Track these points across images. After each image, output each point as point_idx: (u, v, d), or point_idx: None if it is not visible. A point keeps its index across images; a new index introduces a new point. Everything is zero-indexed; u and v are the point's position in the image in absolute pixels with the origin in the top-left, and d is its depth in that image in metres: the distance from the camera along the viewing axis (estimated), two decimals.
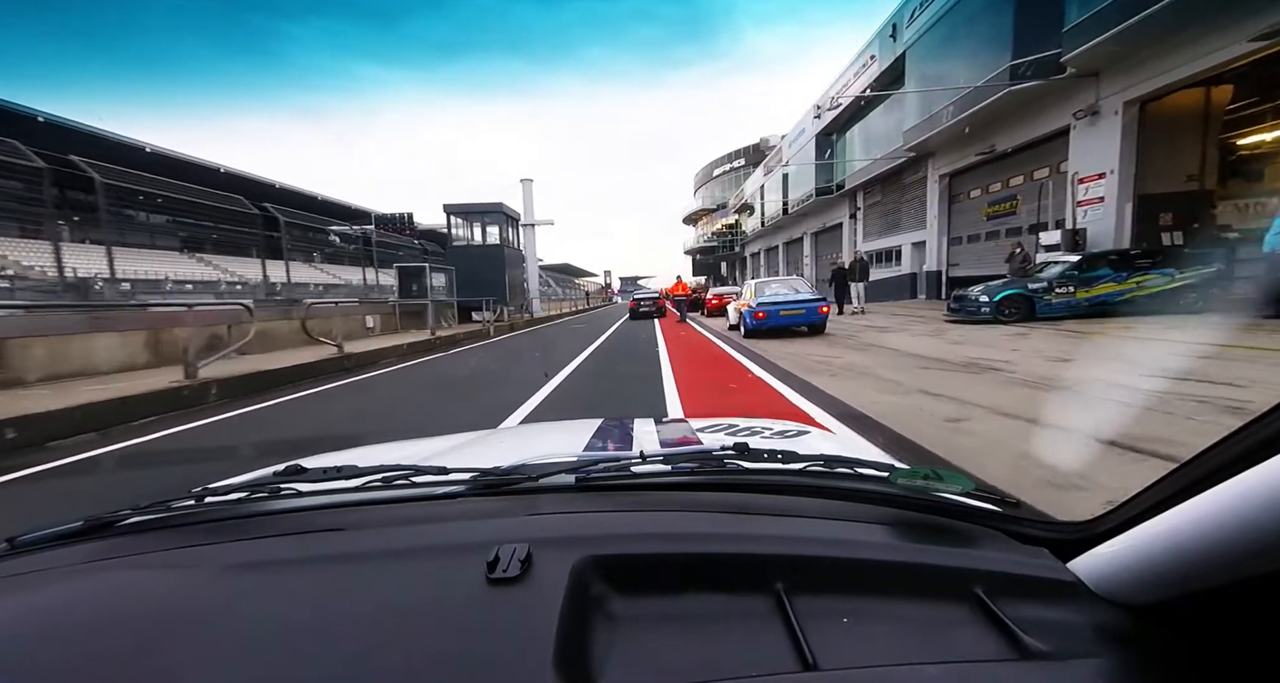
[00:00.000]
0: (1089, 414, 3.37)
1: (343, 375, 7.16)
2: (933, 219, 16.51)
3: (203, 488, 0.73)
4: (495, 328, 15.17)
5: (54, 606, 0.52)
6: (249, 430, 4.27)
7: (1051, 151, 11.94)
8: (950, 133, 13.90)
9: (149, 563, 0.59)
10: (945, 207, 16.20)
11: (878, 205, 20.75)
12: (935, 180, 16.24)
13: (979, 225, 14.88)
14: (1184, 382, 3.84)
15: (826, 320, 10.12)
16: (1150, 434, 2.74)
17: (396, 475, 0.73)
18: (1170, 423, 2.93)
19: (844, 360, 6.42)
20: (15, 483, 3.10)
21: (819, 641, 0.45)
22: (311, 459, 1.01)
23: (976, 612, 0.49)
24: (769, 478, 0.71)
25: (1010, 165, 13.45)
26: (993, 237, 14.31)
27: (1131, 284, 8.53)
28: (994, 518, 0.63)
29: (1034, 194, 12.59)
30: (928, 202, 16.75)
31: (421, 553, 0.56)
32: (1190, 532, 0.41)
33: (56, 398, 4.58)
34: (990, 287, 9.67)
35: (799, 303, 10.00)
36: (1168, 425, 2.89)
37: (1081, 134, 10.62)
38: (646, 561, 0.54)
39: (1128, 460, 2.44)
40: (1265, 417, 0.40)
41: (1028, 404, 3.61)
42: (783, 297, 10.36)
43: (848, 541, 0.57)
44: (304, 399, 5.61)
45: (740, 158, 47.45)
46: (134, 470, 3.48)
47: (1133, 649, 0.45)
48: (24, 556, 0.63)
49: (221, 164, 21.66)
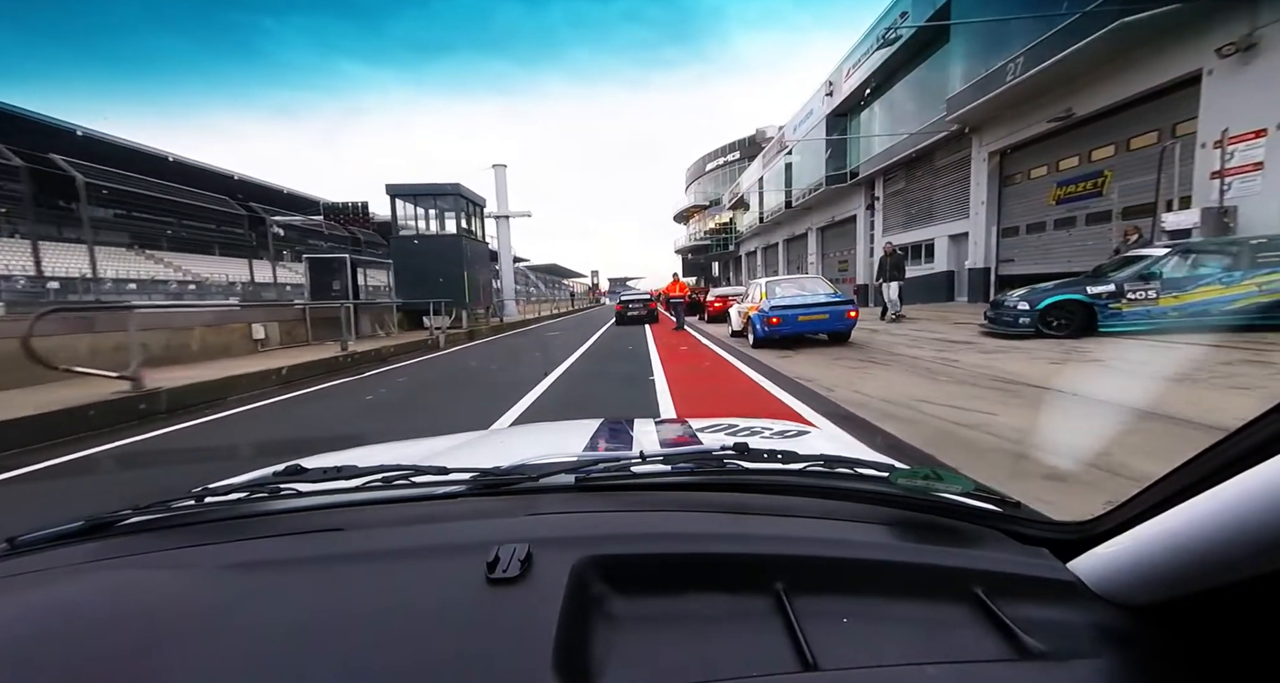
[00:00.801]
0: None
1: (118, 432, 4.13)
2: (978, 206, 13.76)
3: (203, 488, 0.73)
4: (450, 337, 12.14)
5: (54, 606, 0.52)
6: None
7: (1164, 110, 9.19)
8: (1011, 96, 11.15)
9: (149, 563, 0.59)
10: (995, 190, 13.45)
11: (902, 194, 18.00)
12: (982, 159, 13.49)
13: (1044, 211, 12.13)
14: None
15: (853, 327, 8.32)
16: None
17: (396, 475, 0.73)
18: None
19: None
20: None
21: (819, 641, 0.44)
22: (311, 459, 1.01)
23: (976, 612, 0.49)
24: (769, 478, 0.71)
25: (1093, 134, 10.70)
26: (1065, 224, 11.56)
27: (1249, 287, 5.85)
28: (994, 518, 0.62)
29: (1134, 167, 9.82)
30: (971, 185, 14.00)
31: (421, 553, 0.56)
32: (1190, 532, 0.41)
33: None
34: (1036, 290, 7.17)
35: (821, 306, 8.26)
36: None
37: (1224, 79, 7.86)
38: (646, 560, 0.54)
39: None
40: (1265, 417, 0.40)
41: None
42: (801, 298, 8.54)
43: (848, 541, 0.57)
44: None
45: (735, 151, 44.67)
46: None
47: (1133, 649, 0.45)
48: (24, 556, 0.62)
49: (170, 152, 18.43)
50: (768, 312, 8.22)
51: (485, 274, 16.49)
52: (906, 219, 17.67)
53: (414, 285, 13.83)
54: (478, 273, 15.35)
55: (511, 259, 24.70)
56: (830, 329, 8.25)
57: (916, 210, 17.10)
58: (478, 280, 15.31)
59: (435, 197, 14.38)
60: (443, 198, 14.47)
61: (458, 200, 14.48)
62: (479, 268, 15.51)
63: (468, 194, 15.02)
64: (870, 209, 19.82)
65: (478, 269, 15.37)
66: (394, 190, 14.05)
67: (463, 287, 14.18)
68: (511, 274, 24.63)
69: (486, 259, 16.94)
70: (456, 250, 14.21)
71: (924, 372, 5.27)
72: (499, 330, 16.50)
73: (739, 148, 44.10)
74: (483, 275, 15.89)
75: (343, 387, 6.49)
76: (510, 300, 24.35)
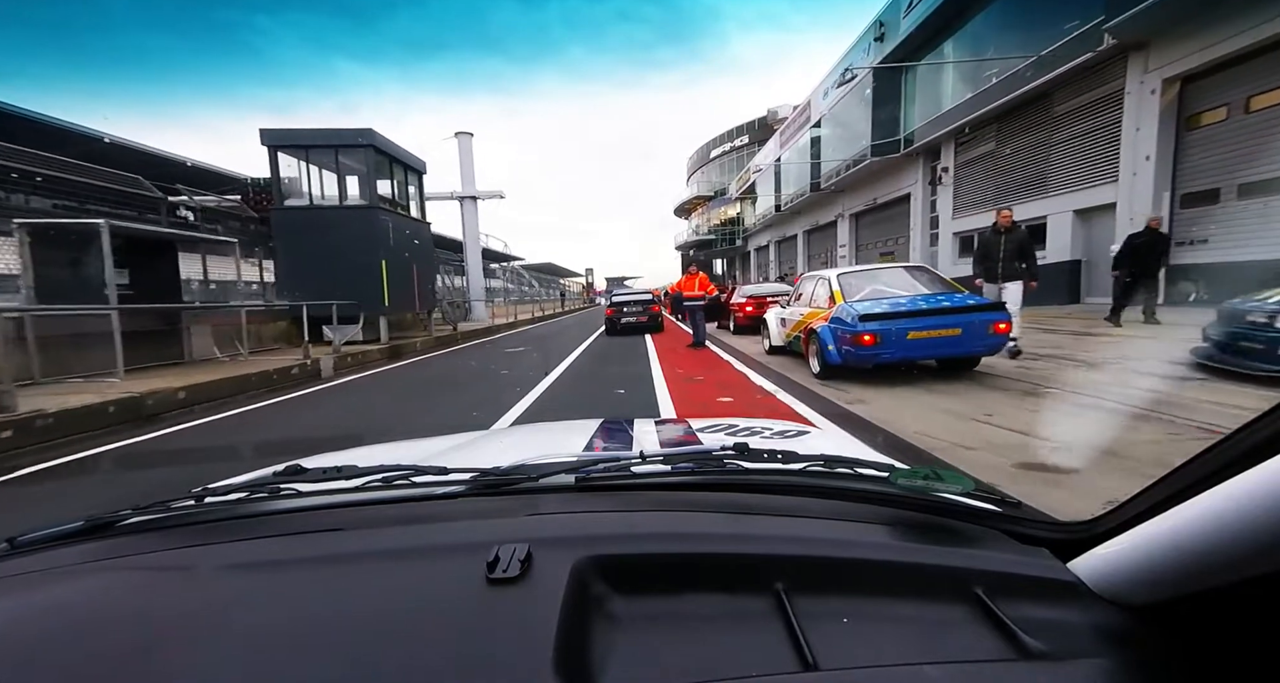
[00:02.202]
0: None
1: None
2: (1138, 163, 9.30)
3: (203, 488, 0.72)
4: (358, 357, 7.70)
5: (54, 606, 0.52)
6: None
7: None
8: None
9: (149, 563, 0.58)
10: (1170, 136, 8.99)
11: (987, 160, 13.53)
12: (1150, 90, 9.03)
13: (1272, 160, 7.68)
14: None
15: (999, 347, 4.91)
16: None
17: (396, 475, 0.73)
18: None
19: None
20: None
21: (819, 641, 0.44)
22: (311, 459, 1.01)
23: (976, 612, 0.48)
24: (769, 478, 0.71)
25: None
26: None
27: None
28: (994, 518, 0.62)
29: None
30: (1125, 133, 9.53)
31: (421, 553, 0.56)
32: (1190, 532, 0.41)
33: None
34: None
35: (951, 314, 4.83)
36: None
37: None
38: (646, 561, 0.53)
39: None
40: (1265, 417, 0.39)
41: None
42: (909, 302, 5.14)
43: (848, 540, 0.57)
44: None
45: (744, 135, 40.16)
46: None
47: (1133, 649, 0.44)
48: (24, 556, 0.62)
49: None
50: (852, 323, 4.98)
51: (426, 266, 11.95)
52: (998, 192, 13.19)
53: (306, 280, 9.30)
54: (409, 263, 10.81)
55: (480, 250, 20.16)
56: (966, 352, 4.97)
57: (1015, 180, 12.61)
58: (407, 273, 10.77)
59: (337, 150, 9.79)
60: (349, 152, 9.89)
61: (371, 157, 9.88)
62: (414, 257, 10.99)
63: (389, 148, 10.42)
64: (935, 183, 15.35)
65: (410, 258, 10.84)
66: (274, 138, 9.48)
67: (379, 283, 9.65)
68: (480, 268, 20.09)
69: (429, 246, 12.39)
70: (369, 229, 9.65)
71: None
72: (447, 343, 11.92)
73: (748, 131, 39.65)
74: (420, 267, 11.37)
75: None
76: (479, 302, 19.81)
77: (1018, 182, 12.49)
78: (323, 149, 9.70)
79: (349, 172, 10.15)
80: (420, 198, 12.04)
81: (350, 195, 10.11)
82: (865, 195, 19.58)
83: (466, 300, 20.15)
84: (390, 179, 10.72)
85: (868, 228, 20.71)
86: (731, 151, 41.59)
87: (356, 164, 9.97)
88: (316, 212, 9.67)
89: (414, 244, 11.15)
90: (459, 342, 12.60)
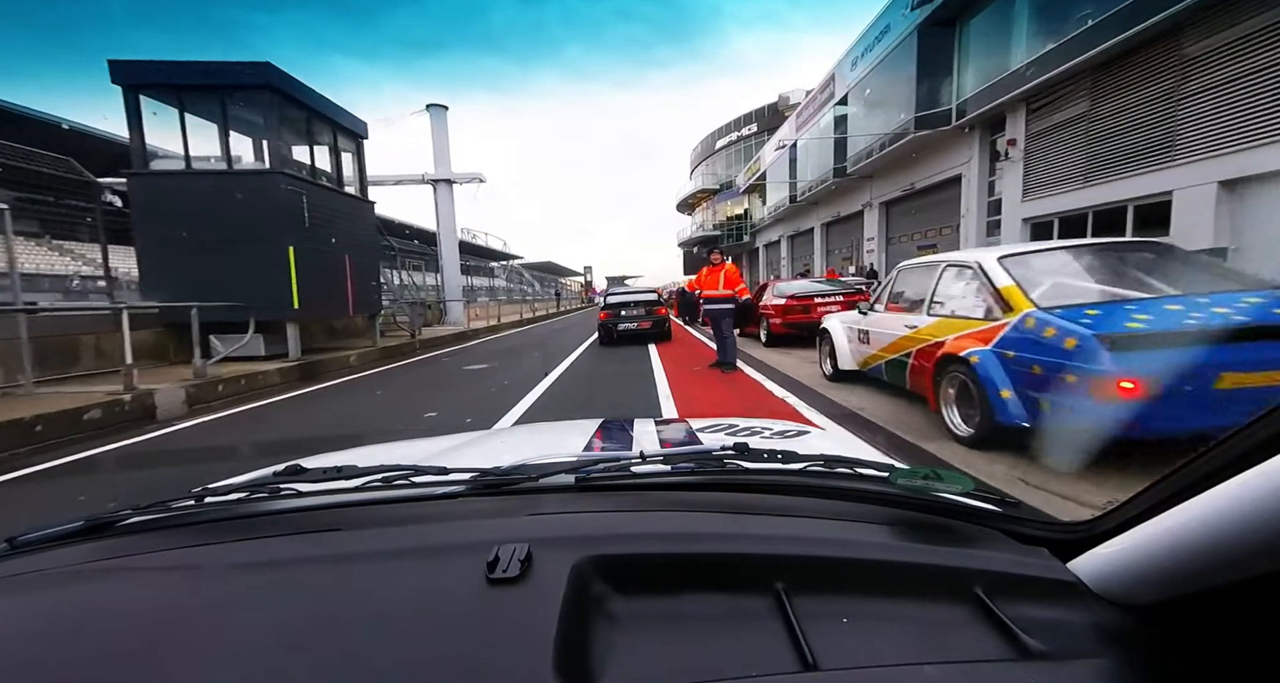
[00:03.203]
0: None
1: None
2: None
3: (203, 488, 0.72)
4: (231, 384, 5.12)
5: (54, 606, 0.52)
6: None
7: None
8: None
9: (149, 563, 0.58)
10: None
11: (1076, 123, 10.82)
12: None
13: None
14: None
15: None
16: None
17: (396, 475, 0.72)
18: None
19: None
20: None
21: (819, 641, 0.44)
22: (311, 459, 1.00)
23: (976, 612, 0.48)
24: (769, 478, 0.71)
25: None
26: None
27: None
28: (994, 518, 0.62)
29: None
30: None
31: (421, 553, 0.56)
32: (1190, 532, 0.41)
33: None
34: None
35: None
36: None
37: None
38: (647, 560, 0.53)
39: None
40: (1265, 417, 0.39)
41: None
42: (1209, 315, 2.42)
43: (848, 540, 0.57)
44: None
45: (752, 123, 37.36)
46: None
47: (1133, 649, 0.44)
48: (24, 556, 0.62)
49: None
50: (1080, 353, 2.39)
51: (367, 257, 9.28)
52: (1087, 165, 10.52)
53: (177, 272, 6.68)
54: (337, 252, 8.15)
55: (457, 242, 17.46)
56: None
57: (1117, 147, 9.93)
58: (334, 266, 8.11)
59: (224, 93, 7.07)
60: (243, 98, 7.18)
61: (274, 104, 7.15)
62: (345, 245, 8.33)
63: (303, 96, 7.65)
64: (1001, 158, 12.67)
65: (339, 246, 8.18)
66: (131, 76, 6.78)
67: (284, 277, 6.99)
68: (456, 263, 17.40)
69: (371, 232, 9.70)
70: (268, 203, 6.96)
71: None
72: (395, 356, 9.29)
73: (756, 119, 36.95)
74: (358, 258, 8.70)
75: None
76: (456, 302, 17.15)
77: (1122, 149, 9.81)
78: (202, 92, 7.00)
79: (245, 127, 7.48)
80: (360, 170, 9.35)
81: (247, 161, 7.44)
82: (901, 180, 16.95)
83: (442, 301, 17.50)
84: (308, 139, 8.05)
85: (903, 218, 18.08)
86: (739, 142, 38.82)
87: (254, 116, 7.29)
88: (192, 179, 6.98)
89: (347, 228, 8.49)
90: (415, 352, 9.92)
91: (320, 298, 7.72)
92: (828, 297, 7.73)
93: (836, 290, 8.37)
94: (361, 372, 7.84)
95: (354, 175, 9.24)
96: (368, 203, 9.52)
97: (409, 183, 16.94)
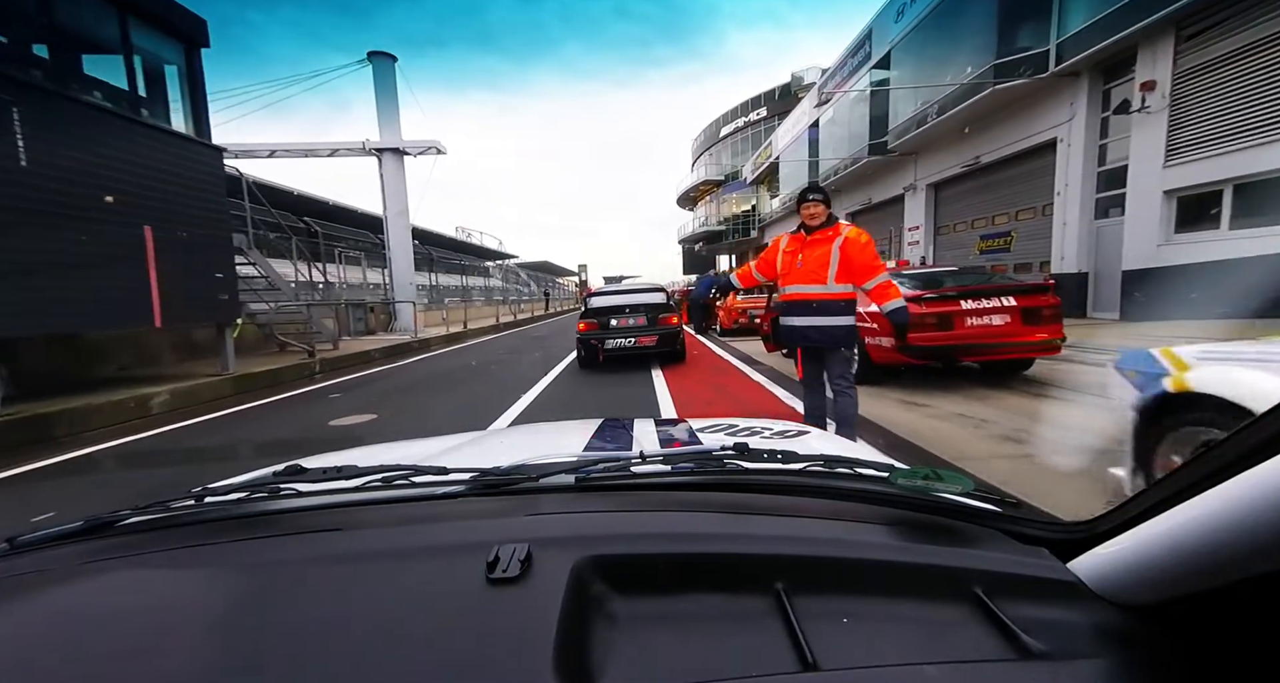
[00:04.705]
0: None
1: None
2: None
3: (203, 488, 0.72)
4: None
5: (54, 606, 0.52)
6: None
7: None
8: None
9: (149, 563, 0.58)
10: None
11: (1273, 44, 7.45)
12: None
13: None
14: None
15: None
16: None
17: (396, 475, 0.72)
18: None
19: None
20: None
21: (819, 641, 0.44)
22: (311, 459, 0.99)
23: (976, 612, 0.48)
24: (769, 478, 0.71)
25: None
26: None
27: None
28: (994, 518, 0.62)
29: None
30: None
31: (421, 553, 0.56)
32: (1190, 532, 0.41)
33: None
34: None
35: None
36: None
37: None
38: (646, 560, 0.53)
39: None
40: (1265, 417, 0.39)
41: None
42: None
43: (848, 541, 0.56)
44: None
45: (761, 108, 33.92)
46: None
47: (1133, 649, 0.44)
48: (24, 555, 0.62)
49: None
50: None
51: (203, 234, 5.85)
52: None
53: None
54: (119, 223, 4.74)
55: (409, 228, 13.98)
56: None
57: None
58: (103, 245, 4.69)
59: None
60: None
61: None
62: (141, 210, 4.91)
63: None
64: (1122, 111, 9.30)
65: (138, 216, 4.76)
66: None
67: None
68: (409, 255, 13.93)
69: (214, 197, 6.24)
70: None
71: None
72: (247, 391, 5.91)
73: (766, 103, 33.54)
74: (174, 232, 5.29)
75: None
76: (405, 303, 13.67)
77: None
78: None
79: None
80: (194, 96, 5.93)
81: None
82: (958, 154, 13.61)
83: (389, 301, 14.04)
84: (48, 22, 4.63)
85: (956, 201, 14.75)
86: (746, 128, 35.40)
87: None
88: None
89: (148, 184, 5.09)
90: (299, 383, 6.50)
91: (61, 300, 4.29)
92: (983, 297, 4.37)
93: (994, 284, 4.93)
94: (138, 433, 4.42)
95: (182, 103, 5.81)
96: (207, 148, 6.07)
97: (348, 153, 13.54)
